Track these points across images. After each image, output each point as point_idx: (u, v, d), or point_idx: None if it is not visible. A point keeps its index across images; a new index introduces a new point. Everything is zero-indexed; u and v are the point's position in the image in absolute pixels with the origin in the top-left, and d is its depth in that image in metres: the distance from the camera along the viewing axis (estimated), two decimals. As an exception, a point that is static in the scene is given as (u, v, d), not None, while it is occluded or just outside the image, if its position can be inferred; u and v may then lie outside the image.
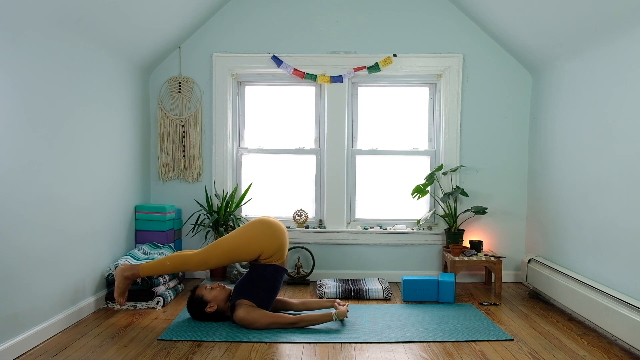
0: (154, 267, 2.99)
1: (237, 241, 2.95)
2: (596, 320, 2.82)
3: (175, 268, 2.98)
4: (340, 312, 2.92)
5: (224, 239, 3.00)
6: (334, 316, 2.89)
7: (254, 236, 2.93)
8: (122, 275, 2.98)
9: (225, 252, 2.94)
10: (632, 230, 2.65)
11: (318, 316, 2.88)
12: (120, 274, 2.98)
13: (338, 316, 2.91)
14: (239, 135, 4.23)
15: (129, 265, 3.01)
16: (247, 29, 4.03)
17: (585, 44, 3.09)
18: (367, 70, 4.01)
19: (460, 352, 2.57)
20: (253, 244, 2.92)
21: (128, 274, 2.99)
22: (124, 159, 3.59)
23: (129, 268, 3.00)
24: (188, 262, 2.96)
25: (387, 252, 4.08)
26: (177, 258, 2.98)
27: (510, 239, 4.07)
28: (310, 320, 2.86)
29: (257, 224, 2.98)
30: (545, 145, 3.71)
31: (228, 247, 2.94)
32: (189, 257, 2.97)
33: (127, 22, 3.18)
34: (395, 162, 4.21)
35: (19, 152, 2.44)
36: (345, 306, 2.98)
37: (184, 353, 2.51)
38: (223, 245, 2.96)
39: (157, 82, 4.06)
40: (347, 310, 2.97)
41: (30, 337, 2.52)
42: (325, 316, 2.88)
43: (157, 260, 3.01)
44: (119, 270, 2.99)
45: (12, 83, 2.38)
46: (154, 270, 3.00)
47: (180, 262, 2.97)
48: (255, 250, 2.93)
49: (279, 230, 2.98)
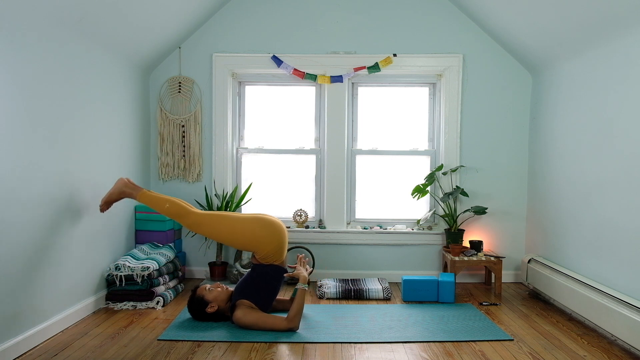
0: (153, 200, 2.97)
1: (236, 230, 2.92)
2: (596, 320, 2.82)
3: (170, 214, 2.94)
4: (302, 277, 2.92)
5: (226, 218, 2.95)
6: (305, 285, 2.89)
7: (252, 232, 2.91)
8: (121, 188, 2.99)
9: (221, 232, 2.93)
10: (632, 230, 2.65)
11: (297, 301, 2.83)
12: (120, 184, 3.00)
13: (304, 282, 2.90)
14: (239, 135, 4.23)
15: (133, 185, 3.04)
16: (247, 29, 4.03)
17: (585, 44, 3.09)
18: (367, 70, 4.01)
19: (460, 352, 2.57)
20: (249, 239, 2.91)
21: (127, 190, 3.00)
22: (124, 159, 3.59)
23: (131, 186, 3.01)
24: (184, 216, 2.93)
25: (387, 252, 4.08)
26: (177, 207, 2.94)
27: (510, 239, 4.07)
28: (297, 310, 2.82)
29: (259, 222, 2.96)
30: (545, 145, 3.71)
31: (225, 230, 2.92)
32: (187, 212, 2.94)
33: (128, 22, 3.18)
34: (395, 162, 4.21)
35: (19, 152, 2.44)
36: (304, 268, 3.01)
37: (184, 353, 2.51)
38: (222, 224, 2.93)
39: (157, 82, 4.06)
40: (308, 269, 3.02)
41: (30, 337, 2.52)
42: (300, 295, 2.84)
43: (160, 196, 2.99)
44: (121, 181, 3.01)
45: (13, 83, 2.38)
46: (151, 203, 2.97)
47: (177, 212, 2.93)
48: (249, 246, 2.93)
49: (277, 232, 2.96)
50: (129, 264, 3.26)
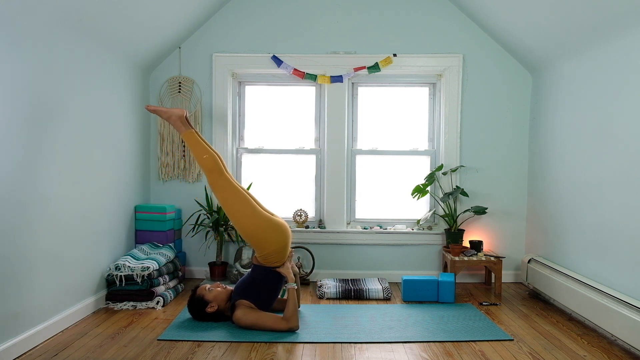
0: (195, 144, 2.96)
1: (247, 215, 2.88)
2: (596, 320, 2.82)
3: (203, 165, 2.92)
4: (289, 277, 2.91)
5: (245, 202, 2.91)
6: (294, 284, 2.89)
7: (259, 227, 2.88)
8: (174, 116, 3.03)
9: (233, 209, 2.89)
10: (632, 230, 2.65)
11: (290, 301, 2.83)
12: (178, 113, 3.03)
13: (292, 281, 2.90)
14: (239, 135, 4.23)
15: (187, 121, 3.05)
16: (247, 29, 4.03)
17: (585, 44, 3.09)
18: (367, 70, 4.01)
19: (460, 352, 2.57)
20: (254, 231, 2.88)
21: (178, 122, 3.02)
22: (124, 159, 3.59)
23: (184, 122, 3.03)
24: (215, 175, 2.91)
25: (387, 252, 4.08)
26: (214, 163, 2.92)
27: (510, 239, 4.07)
28: (292, 310, 2.82)
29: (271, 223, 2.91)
30: (545, 145, 3.71)
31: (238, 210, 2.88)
32: (220, 173, 2.91)
33: (128, 22, 3.18)
34: (395, 162, 4.21)
35: (19, 152, 2.44)
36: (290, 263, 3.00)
37: (184, 353, 2.51)
38: (237, 203, 2.89)
39: (157, 82, 4.06)
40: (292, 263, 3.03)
41: (30, 337, 2.52)
42: (291, 295, 2.84)
43: (203, 144, 2.98)
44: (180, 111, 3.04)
45: (13, 83, 2.38)
46: (192, 145, 2.96)
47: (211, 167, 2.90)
48: (252, 239, 2.90)
49: (284, 235, 2.94)
50: (129, 264, 3.26)
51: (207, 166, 2.91)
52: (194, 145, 2.96)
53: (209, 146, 3.00)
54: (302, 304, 3.31)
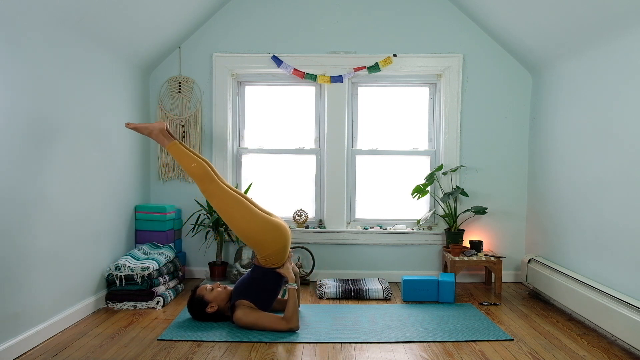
0: (182, 154, 2.93)
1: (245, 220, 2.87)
2: (596, 320, 2.82)
3: (193, 174, 2.90)
4: (289, 277, 2.91)
5: (242, 206, 2.89)
6: (294, 284, 2.89)
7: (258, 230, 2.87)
8: (155, 130, 2.99)
9: (231, 215, 2.88)
10: (632, 230, 2.65)
11: (290, 300, 2.83)
12: (158, 126, 2.99)
13: (293, 281, 2.90)
14: (239, 135, 4.23)
15: (169, 134, 3.01)
16: (247, 29, 4.03)
17: (585, 44, 3.09)
18: (367, 70, 4.01)
19: (460, 352, 2.57)
20: (254, 234, 2.87)
21: (160, 135, 2.98)
22: (124, 159, 3.59)
23: (166, 134, 2.99)
24: (206, 182, 2.88)
25: (387, 252, 4.08)
26: (203, 170, 2.89)
27: (510, 239, 4.07)
28: (292, 310, 2.82)
29: (269, 224, 2.91)
30: (545, 145, 3.71)
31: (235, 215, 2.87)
32: (210, 180, 2.89)
33: (128, 22, 3.18)
34: (395, 162, 4.21)
35: (19, 152, 2.44)
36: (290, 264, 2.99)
37: (184, 353, 2.51)
38: (234, 209, 2.87)
39: (157, 82, 4.06)
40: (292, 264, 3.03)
41: (30, 337, 2.52)
42: (291, 295, 2.85)
43: (189, 153, 2.95)
44: (161, 124, 3.00)
45: (12, 83, 2.38)
46: (179, 157, 2.93)
47: (201, 175, 2.88)
48: (251, 242, 2.90)
49: (283, 236, 2.93)
50: (129, 264, 3.26)
51: (196, 174, 2.90)
52: (180, 155, 2.94)
53: (195, 154, 2.99)
54: (302, 304, 3.31)
